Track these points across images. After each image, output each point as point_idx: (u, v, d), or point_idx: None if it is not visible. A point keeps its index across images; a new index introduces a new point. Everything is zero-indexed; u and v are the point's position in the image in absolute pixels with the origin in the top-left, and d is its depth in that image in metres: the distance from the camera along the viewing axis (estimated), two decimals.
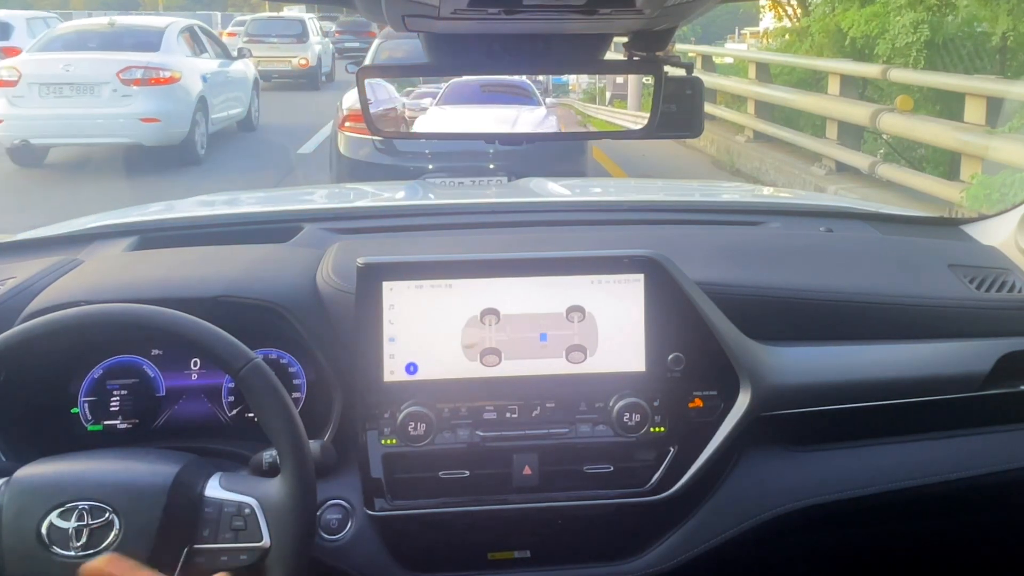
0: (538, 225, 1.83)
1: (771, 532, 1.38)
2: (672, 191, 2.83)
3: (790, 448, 1.42)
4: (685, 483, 1.32)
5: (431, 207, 2.12)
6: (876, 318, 1.47)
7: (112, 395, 1.38)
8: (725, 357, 1.33)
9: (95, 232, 1.77)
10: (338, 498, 1.31)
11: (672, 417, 1.32)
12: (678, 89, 1.17)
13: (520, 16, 0.92)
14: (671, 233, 1.77)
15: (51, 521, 1.06)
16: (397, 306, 1.28)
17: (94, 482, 1.09)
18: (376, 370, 1.28)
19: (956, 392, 1.43)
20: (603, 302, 1.31)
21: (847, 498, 1.40)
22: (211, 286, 1.37)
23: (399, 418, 1.26)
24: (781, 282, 1.47)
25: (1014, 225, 1.65)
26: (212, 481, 1.14)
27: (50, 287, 1.38)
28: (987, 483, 1.45)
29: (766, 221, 1.87)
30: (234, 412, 1.41)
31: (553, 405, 1.31)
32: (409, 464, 1.28)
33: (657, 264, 1.31)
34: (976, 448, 1.46)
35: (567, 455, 1.31)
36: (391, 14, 0.96)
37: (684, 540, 1.36)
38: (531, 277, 1.30)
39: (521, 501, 1.30)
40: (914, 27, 8.27)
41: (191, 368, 1.41)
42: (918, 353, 1.45)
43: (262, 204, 2.30)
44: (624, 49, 1.15)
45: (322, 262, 1.44)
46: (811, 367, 1.40)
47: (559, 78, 6.03)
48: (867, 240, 1.80)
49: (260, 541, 1.11)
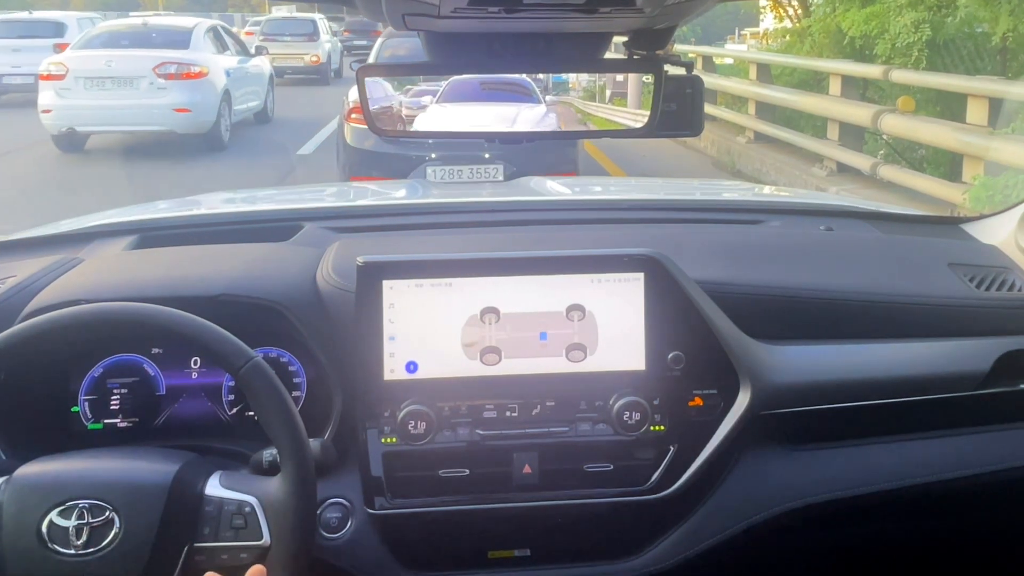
0: (538, 224, 1.83)
1: (771, 531, 1.38)
2: (672, 190, 2.83)
3: (790, 447, 1.42)
4: (685, 482, 1.32)
5: (431, 206, 2.12)
6: (876, 317, 1.47)
7: (112, 394, 1.39)
8: (725, 356, 1.33)
9: (95, 231, 1.77)
10: (338, 497, 1.31)
11: (672, 416, 1.32)
12: (678, 88, 1.17)
13: (520, 15, 0.92)
14: (671, 232, 1.77)
15: (51, 519, 1.06)
16: (397, 305, 1.28)
17: (94, 480, 1.10)
18: (376, 369, 1.28)
19: (956, 391, 1.43)
20: (603, 301, 1.31)
21: (847, 497, 1.40)
22: (211, 285, 1.37)
23: (399, 417, 1.26)
24: (781, 281, 1.47)
25: (1014, 224, 1.65)
26: (212, 479, 1.15)
27: (50, 286, 1.38)
28: (987, 482, 1.45)
29: (766, 220, 1.87)
30: (234, 411, 1.41)
31: (553, 404, 1.31)
32: (409, 463, 1.29)
33: (657, 263, 1.31)
34: (976, 447, 1.46)
35: (567, 454, 1.31)
36: (391, 13, 0.96)
37: (684, 539, 1.36)
38: (531, 276, 1.30)
39: (521, 500, 1.30)
40: (915, 27, 8.22)
41: (191, 367, 1.41)
42: (918, 352, 1.45)
43: (262, 203, 2.30)
44: (624, 48, 1.15)
45: (322, 261, 1.44)
46: (811, 366, 1.40)
47: (559, 76, 6.04)
48: (867, 239, 1.80)
49: (260, 539, 1.11)
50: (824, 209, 2.05)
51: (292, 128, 11.55)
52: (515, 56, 1.11)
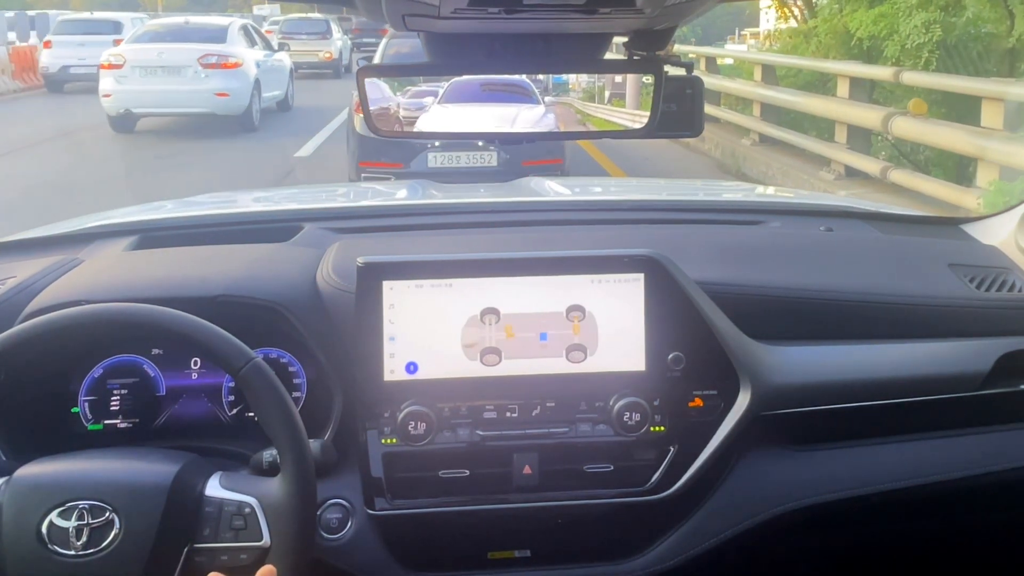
0: (538, 224, 1.82)
1: (771, 531, 1.38)
2: (672, 190, 2.83)
3: (790, 447, 1.42)
4: (685, 482, 1.32)
5: (431, 207, 2.11)
6: (876, 317, 1.47)
7: (112, 394, 1.39)
8: (725, 356, 1.33)
9: (95, 232, 1.77)
10: (338, 497, 1.30)
11: (672, 416, 1.32)
12: (678, 88, 1.17)
13: (520, 15, 0.92)
14: (671, 232, 1.77)
15: (51, 520, 1.06)
16: (397, 305, 1.28)
17: (94, 481, 1.10)
18: (376, 369, 1.28)
19: (956, 391, 1.43)
20: (603, 301, 1.31)
21: (847, 497, 1.40)
22: (211, 285, 1.37)
23: (399, 417, 1.26)
24: (781, 281, 1.47)
25: (1014, 224, 1.65)
26: (212, 480, 1.15)
27: (50, 286, 1.38)
28: (987, 482, 1.45)
29: (766, 220, 1.87)
30: (234, 411, 1.41)
31: (553, 404, 1.31)
32: (409, 463, 1.29)
33: (657, 263, 1.31)
34: (976, 447, 1.46)
35: (567, 454, 1.31)
36: (391, 13, 0.96)
37: (684, 539, 1.36)
38: (531, 276, 1.30)
39: (521, 500, 1.30)
40: (925, 27, 8.07)
41: (191, 367, 1.41)
42: (918, 352, 1.45)
43: (262, 204, 2.30)
44: (624, 48, 1.15)
45: (322, 261, 1.44)
46: (811, 366, 1.40)
47: (559, 77, 6.07)
48: (867, 239, 1.79)
49: (260, 540, 1.11)
50: (824, 210, 2.04)
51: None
52: (515, 57, 1.11)
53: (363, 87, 1.15)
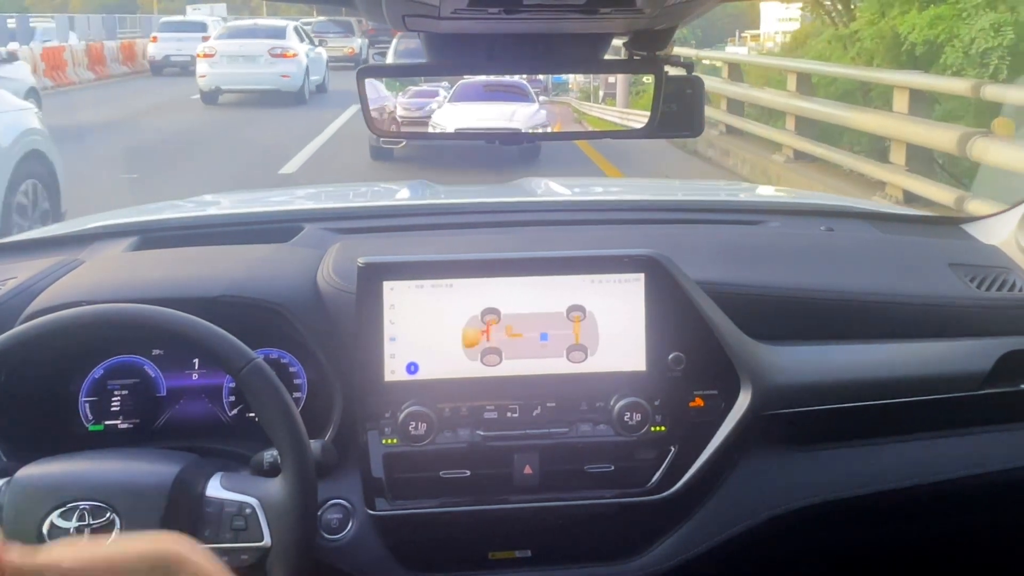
0: (538, 225, 1.82)
1: (772, 531, 1.38)
2: (672, 190, 2.84)
3: (791, 447, 1.42)
4: (686, 482, 1.32)
5: (431, 207, 2.12)
6: (877, 317, 1.47)
7: (113, 395, 1.38)
8: (726, 356, 1.33)
9: (96, 232, 1.77)
10: (339, 498, 1.30)
11: (673, 417, 1.32)
12: (678, 89, 1.17)
13: (520, 16, 0.92)
14: (671, 232, 1.77)
15: (52, 521, 1.06)
16: (398, 306, 1.28)
17: (95, 482, 1.09)
18: (377, 370, 1.28)
19: (956, 391, 1.43)
20: (604, 302, 1.31)
21: (848, 497, 1.40)
22: (212, 286, 1.37)
23: (400, 418, 1.26)
24: (781, 281, 1.47)
25: (1014, 224, 1.65)
26: (213, 481, 1.14)
27: (51, 287, 1.38)
28: (988, 482, 1.45)
29: (766, 220, 1.87)
30: (235, 412, 1.41)
31: (554, 405, 1.31)
32: (410, 464, 1.28)
33: (657, 263, 1.31)
34: (977, 447, 1.46)
35: (568, 455, 1.31)
36: (391, 14, 0.96)
37: (685, 539, 1.36)
38: (532, 277, 1.30)
39: (522, 501, 1.30)
40: (995, 30, 7.04)
41: (192, 368, 1.41)
42: (918, 352, 1.45)
43: (262, 204, 2.30)
44: (625, 49, 1.15)
45: (323, 262, 1.44)
46: (811, 366, 1.40)
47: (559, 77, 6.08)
48: (867, 239, 1.79)
49: (261, 541, 1.11)
50: (824, 209, 2.04)
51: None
52: (515, 57, 1.11)
53: (363, 88, 1.15)
